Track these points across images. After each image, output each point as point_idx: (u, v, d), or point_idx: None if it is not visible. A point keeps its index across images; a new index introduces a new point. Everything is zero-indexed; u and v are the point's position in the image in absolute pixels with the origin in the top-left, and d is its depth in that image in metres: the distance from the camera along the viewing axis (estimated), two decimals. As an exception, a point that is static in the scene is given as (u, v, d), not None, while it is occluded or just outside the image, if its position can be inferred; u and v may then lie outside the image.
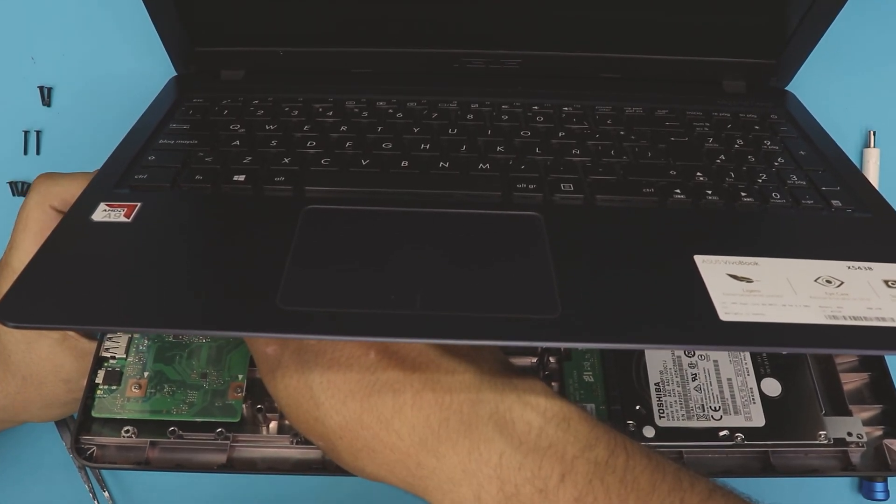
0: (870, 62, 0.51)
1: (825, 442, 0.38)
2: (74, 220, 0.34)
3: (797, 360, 0.41)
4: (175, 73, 0.49)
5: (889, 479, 0.49)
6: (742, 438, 0.38)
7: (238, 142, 0.41)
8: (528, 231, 0.35)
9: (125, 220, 0.34)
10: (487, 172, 0.40)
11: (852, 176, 0.41)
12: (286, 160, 0.40)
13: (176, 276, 0.31)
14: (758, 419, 0.39)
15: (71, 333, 0.41)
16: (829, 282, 0.33)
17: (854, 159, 0.52)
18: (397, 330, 0.29)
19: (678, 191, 0.39)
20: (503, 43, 0.49)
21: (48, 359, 0.40)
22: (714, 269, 0.33)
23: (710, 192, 0.39)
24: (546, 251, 0.34)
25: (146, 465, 0.37)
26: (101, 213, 0.35)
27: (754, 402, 0.39)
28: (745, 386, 0.40)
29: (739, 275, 0.33)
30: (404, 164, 0.40)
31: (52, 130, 0.53)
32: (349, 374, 0.31)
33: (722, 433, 0.38)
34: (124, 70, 0.52)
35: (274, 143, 0.41)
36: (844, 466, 0.38)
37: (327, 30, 0.48)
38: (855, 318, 0.31)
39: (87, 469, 0.49)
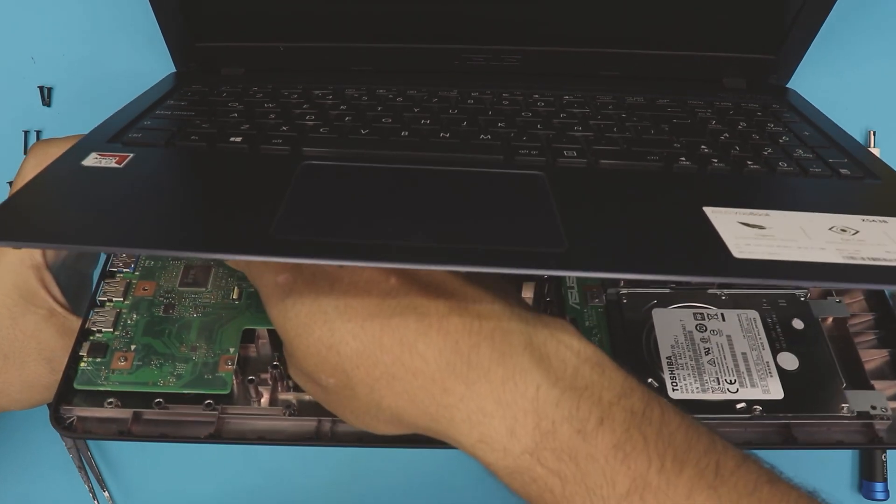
0: (870, 63, 0.52)
1: (849, 415, 0.36)
2: (64, 164, 0.33)
3: (814, 335, 0.39)
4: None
5: (889, 479, 0.48)
6: (761, 411, 0.36)
7: (236, 115, 0.41)
8: (531, 186, 0.35)
9: (117, 166, 0.33)
10: (489, 141, 0.39)
11: (860, 152, 0.41)
12: (284, 128, 0.39)
13: (171, 206, 0.30)
14: (776, 392, 0.37)
15: (58, 310, 0.39)
16: (843, 230, 0.32)
17: (855, 158, 0.51)
18: (410, 257, 0.27)
19: (683, 158, 0.38)
20: (504, 39, 0.49)
21: (33, 335, 0.38)
22: (724, 218, 0.32)
23: (715, 160, 0.38)
24: (550, 200, 0.33)
25: (128, 434, 0.35)
26: (92, 160, 0.34)
27: (771, 376, 0.37)
28: (760, 360, 0.38)
29: (751, 223, 0.32)
30: (404, 133, 0.39)
31: (52, 130, 0.52)
32: (368, 299, 0.29)
33: (739, 406, 0.36)
34: (124, 70, 0.52)
35: (272, 116, 0.41)
36: (870, 440, 0.36)
37: (328, 25, 0.49)
38: (873, 259, 0.30)
39: (87, 469, 0.48)
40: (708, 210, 0.32)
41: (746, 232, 0.32)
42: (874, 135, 0.51)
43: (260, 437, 0.35)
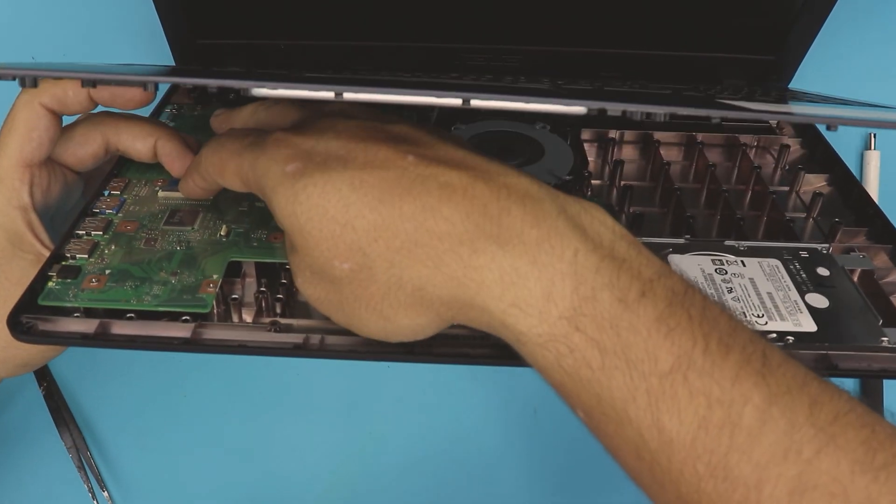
0: (870, 64, 0.52)
1: (891, 346, 0.33)
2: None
3: (840, 280, 0.36)
4: (177, 69, 0.50)
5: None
6: (793, 341, 0.33)
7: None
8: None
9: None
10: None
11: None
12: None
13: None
14: (808, 325, 0.34)
15: (46, 254, 0.36)
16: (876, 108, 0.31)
17: (854, 162, 0.51)
18: (433, 85, 0.26)
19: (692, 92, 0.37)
20: (504, 39, 0.50)
21: (19, 283, 0.35)
22: (740, 103, 0.31)
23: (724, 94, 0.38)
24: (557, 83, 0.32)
25: (92, 339, 0.31)
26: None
27: (801, 312, 0.35)
28: (787, 298, 0.35)
29: (768, 103, 0.31)
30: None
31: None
32: (385, 172, 0.27)
33: (770, 336, 0.33)
34: (126, 68, 0.52)
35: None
36: (917, 370, 0.33)
37: (328, 24, 0.50)
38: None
39: (87, 469, 0.48)
40: (720, 99, 0.31)
41: (764, 104, 0.30)
42: (874, 137, 0.51)
43: (241, 345, 0.31)
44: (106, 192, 0.40)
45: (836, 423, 0.24)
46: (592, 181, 0.44)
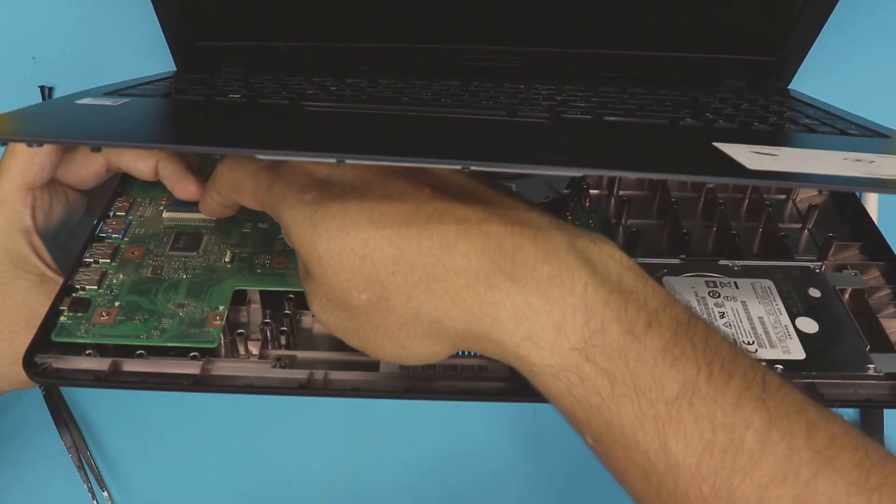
0: (871, 65, 0.52)
1: (877, 374, 0.34)
2: (56, 103, 0.33)
3: (831, 302, 0.37)
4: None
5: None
6: (782, 369, 0.34)
7: (235, 87, 0.40)
8: (537, 128, 0.34)
9: (112, 104, 0.32)
10: (491, 106, 0.38)
11: (866, 122, 0.40)
12: (283, 93, 0.38)
13: (172, 119, 0.29)
14: (797, 352, 0.35)
15: (50, 275, 0.37)
16: (858, 160, 0.31)
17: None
18: (427, 151, 0.26)
19: (689, 118, 0.37)
20: (504, 39, 0.49)
21: (23, 302, 0.37)
22: (736, 149, 0.31)
23: (721, 121, 0.38)
24: (557, 133, 0.32)
25: (105, 381, 0.32)
26: (86, 100, 0.33)
27: (790, 338, 0.36)
28: (778, 323, 0.36)
29: (764, 152, 0.31)
30: (405, 99, 0.39)
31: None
32: (402, 207, 0.27)
33: (760, 365, 0.34)
34: (125, 70, 0.52)
35: (273, 86, 0.40)
36: (901, 399, 0.34)
37: (329, 25, 0.49)
38: (892, 176, 0.29)
39: (87, 469, 0.48)
40: (718, 144, 0.32)
41: (760, 157, 0.31)
42: (875, 137, 0.51)
43: (247, 384, 0.33)
44: (111, 213, 0.41)
45: (833, 446, 0.25)
46: (591, 191, 0.45)
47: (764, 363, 0.33)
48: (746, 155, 0.30)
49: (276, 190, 0.30)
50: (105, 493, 0.48)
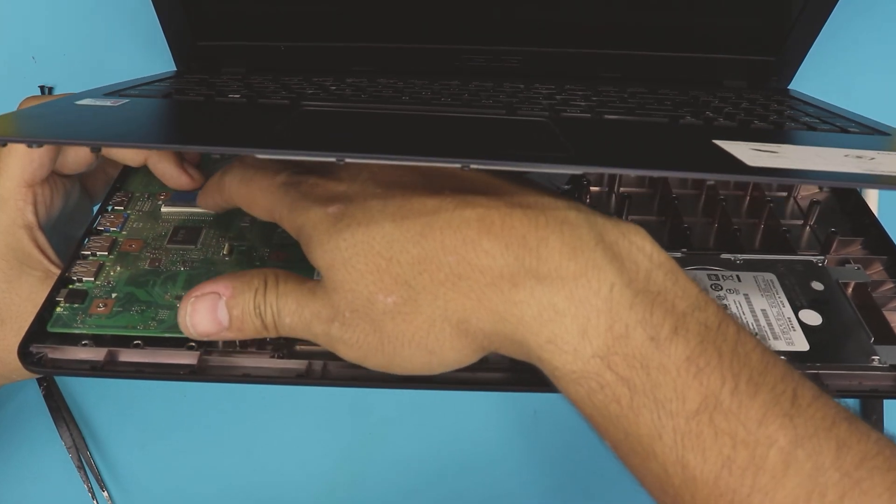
0: (871, 66, 0.52)
1: (881, 365, 0.34)
2: (56, 103, 0.33)
3: (834, 295, 0.37)
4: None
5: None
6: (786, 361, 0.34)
7: (235, 87, 0.40)
8: (536, 127, 0.34)
9: (111, 104, 0.32)
10: (491, 105, 0.38)
11: (866, 120, 0.40)
12: (283, 93, 0.38)
13: (173, 120, 0.29)
14: (800, 344, 0.35)
15: (54, 270, 0.37)
16: (859, 157, 0.31)
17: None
18: (427, 150, 0.26)
19: (689, 116, 0.37)
20: (504, 40, 0.50)
21: (29, 298, 0.37)
22: (736, 146, 0.31)
23: (721, 119, 0.38)
24: (556, 132, 0.32)
25: (100, 371, 0.32)
26: (86, 101, 0.33)
27: (794, 330, 0.35)
28: (781, 316, 0.36)
29: (764, 149, 0.31)
30: (405, 98, 0.39)
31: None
32: (425, 207, 0.27)
33: (763, 356, 0.34)
34: (125, 70, 0.52)
35: (273, 86, 0.40)
36: (907, 389, 0.34)
37: (329, 25, 0.49)
38: (891, 172, 0.29)
39: (87, 469, 0.48)
40: (718, 141, 0.32)
41: (760, 154, 0.31)
42: (875, 137, 0.51)
43: (245, 374, 0.32)
44: (110, 207, 0.40)
45: (863, 466, 0.24)
46: (591, 188, 0.45)
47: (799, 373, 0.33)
48: (747, 152, 0.30)
49: (298, 207, 0.30)
50: (105, 493, 0.48)
